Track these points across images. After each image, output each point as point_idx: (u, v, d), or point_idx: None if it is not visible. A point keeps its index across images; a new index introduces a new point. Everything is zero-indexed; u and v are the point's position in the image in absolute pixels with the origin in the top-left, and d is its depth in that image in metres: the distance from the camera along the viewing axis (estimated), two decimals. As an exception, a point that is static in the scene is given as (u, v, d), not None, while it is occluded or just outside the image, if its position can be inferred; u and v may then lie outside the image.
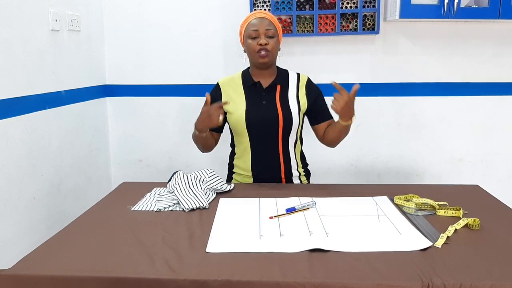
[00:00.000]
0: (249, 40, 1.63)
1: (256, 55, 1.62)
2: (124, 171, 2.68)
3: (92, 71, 2.42)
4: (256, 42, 1.61)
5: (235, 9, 2.45)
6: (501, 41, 2.44)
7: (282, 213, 1.34)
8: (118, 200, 1.50)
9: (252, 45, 1.62)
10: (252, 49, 1.62)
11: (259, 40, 1.60)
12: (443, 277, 0.95)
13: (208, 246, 1.12)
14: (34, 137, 1.87)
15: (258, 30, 1.61)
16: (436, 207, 1.36)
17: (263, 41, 1.60)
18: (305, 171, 1.80)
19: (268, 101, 1.67)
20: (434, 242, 1.12)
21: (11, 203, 1.73)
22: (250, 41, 1.62)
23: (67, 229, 1.27)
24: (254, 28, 1.61)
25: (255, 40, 1.61)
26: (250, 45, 1.62)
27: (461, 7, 2.18)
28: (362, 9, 2.32)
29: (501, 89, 2.50)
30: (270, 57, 1.62)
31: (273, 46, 1.62)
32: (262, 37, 1.60)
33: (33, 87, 1.87)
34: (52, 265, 1.05)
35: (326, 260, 1.04)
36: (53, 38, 2.00)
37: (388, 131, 2.58)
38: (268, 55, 1.61)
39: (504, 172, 2.59)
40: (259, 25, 1.61)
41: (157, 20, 2.51)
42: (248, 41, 1.63)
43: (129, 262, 1.05)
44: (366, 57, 2.49)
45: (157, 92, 2.59)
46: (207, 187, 1.52)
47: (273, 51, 1.63)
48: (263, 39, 1.60)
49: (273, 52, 1.63)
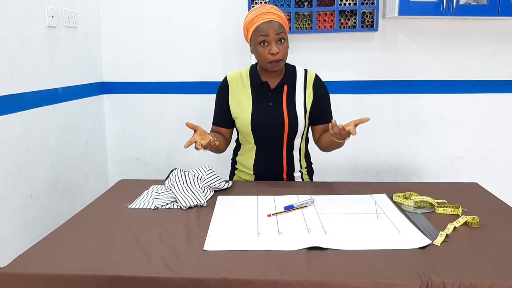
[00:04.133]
0: (259, 47, 1.53)
1: (268, 65, 1.54)
2: (121, 168, 2.68)
3: (89, 68, 2.41)
4: (268, 51, 1.51)
5: (234, 6, 2.44)
6: (500, 39, 2.43)
7: (280, 211, 1.33)
8: (115, 198, 1.49)
9: (262, 53, 1.53)
10: (263, 58, 1.53)
11: (271, 49, 1.51)
12: (442, 275, 0.95)
13: (205, 244, 1.11)
14: (31, 134, 1.86)
15: (269, 35, 1.50)
16: (435, 205, 1.35)
17: (274, 49, 1.50)
18: (308, 170, 1.79)
19: (274, 102, 1.63)
20: (433, 240, 1.12)
21: (7, 200, 1.72)
22: (260, 48, 1.53)
23: (64, 227, 1.26)
24: (263, 33, 1.51)
25: (266, 48, 1.52)
26: (261, 53, 1.53)
27: (460, 4, 2.18)
28: (361, 6, 2.31)
29: (500, 86, 2.50)
30: (282, 64, 1.56)
31: (284, 53, 1.54)
32: (273, 45, 1.51)
33: (30, 84, 1.86)
34: (48, 263, 1.04)
35: (324, 258, 1.04)
36: (49, 34, 1.98)
37: (386, 129, 2.57)
38: (279, 63, 1.54)
39: (503, 170, 2.59)
40: (270, 31, 1.50)
41: (154, 17, 2.50)
42: (258, 48, 1.53)
43: (126, 260, 1.04)
44: (365, 54, 2.48)
45: (155, 89, 2.58)
46: (204, 185, 1.51)
47: (284, 57, 1.56)
48: (274, 47, 1.51)
49: (284, 58, 1.56)
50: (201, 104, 2.58)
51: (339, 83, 2.50)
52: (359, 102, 2.54)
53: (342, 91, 2.52)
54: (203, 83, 2.52)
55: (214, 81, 1.80)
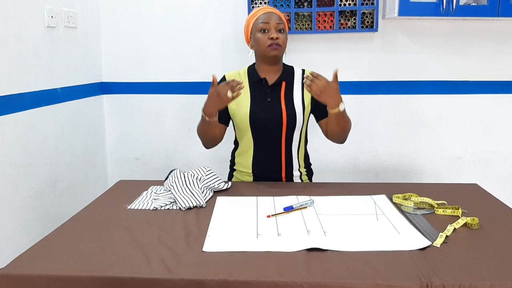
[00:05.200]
0: (259, 34, 1.60)
1: (267, 49, 1.59)
2: (121, 169, 2.67)
3: (89, 68, 2.41)
4: (268, 36, 1.58)
5: (233, 6, 2.44)
6: (500, 39, 2.43)
7: (279, 211, 1.33)
8: (115, 198, 1.49)
9: (262, 39, 1.59)
10: (262, 43, 1.59)
11: (270, 34, 1.58)
12: (442, 277, 0.94)
13: (205, 245, 1.11)
14: (30, 134, 1.86)
15: (269, 23, 1.58)
16: (435, 206, 1.35)
17: (274, 35, 1.58)
18: (307, 170, 1.79)
19: (272, 98, 1.66)
20: (433, 241, 1.11)
21: (6, 201, 1.72)
22: (260, 35, 1.60)
23: (63, 227, 1.26)
24: (264, 21, 1.59)
25: (266, 34, 1.59)
26: (260, 38, 1.60)
27: (460, 4, 2.17)
28: (360, 6, 2.31)
29: (500, 87, 2.49)
30: (281, 51, 1.61)
31: (283, 41, 1.61)
32: (273, 31, 1.58)
33: (29, 84, 1.85)
34: (47, 264, 1.03)
35: (324, 259, 1.03)
36: (49, 35, 1.98)
37: (386, 129, 2.57)
38: (278, 48, 1.59)
39: (503, 171, 2.59)
40: (269, 19, 1.59)
41: (154, 17, 2.49)
42: (258, 34, 1.60)
43: (125, 261, 1.04)
44: (365, 55, 2.48)
45: (154, 89, 2.58)
46: (204, 186, 1.51)
47: (283, 46, 1.62)
48: (274, 33, 1.58)
49: (283, 47, 1.62)
50: (201, 104, 2.57)
51: (338, 83, 2.49)
52: (359, 102, 2.53)
53: (342, 92, 2.46)
54: (203, 83, 2.51)
55: (213, 82, 1.80)
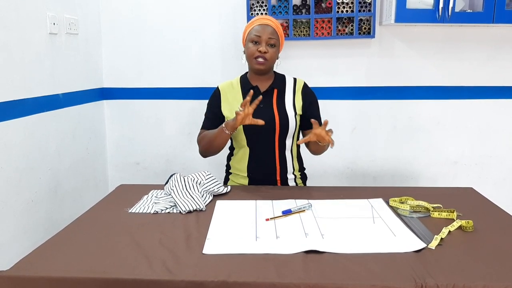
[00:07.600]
0: (250, 44, 1.65)
1: (253, 61, 1.65)
2: (121, 173, 2.69)
3: (90, 74, 2.43)
4: (256, 48, 1.63)
5: (233, 13, 2.47)
6: (495, 45, 2.46)
7: (278, 215, 1.35)
8: (115, 202, 1.51)
9: (251, 49, 1.64)
10: (250, 53, 1.65)
11: (259, 47, 1.63)
12: (437, 278, 0.96)
13: (204, 247, 1.13)
14: (32, 140, 1.88)
15: (261, 36, 1.62)
16: (430, 209, 1.37)
17: (263, 48, 1.62)
18: (301, 174, 1.82)
19: (265, 104, 1.69)
20: (428, 243, 1.13)
21: (8, 205, 1.73)
22: (251, 45, 1.65)
23: (65, 231, 1.27)
24: (257, 33, 1.63)
25: (255, 46, 1.64)
26: (250, 49, 1.65)
27: (455, 11, 2.20)
28: (358, 13, 2.34)
29: (495, 92, 2.52)
30: (267, 65, 1.65)
31: (272, 56, 1.65)
32: (263, 45, 1.63)
33: (31, 90, 1.88)
34: (49, 266, 1.05)
35: (321, 261, 1.06)
36: (51, 41, 2.01)
37: (384, 134, 2.59)
38: (265, 63, 1.64)
39: (499, 175, 2.61)
40: (263, 32, 1.63)
41: (154, 23, 2.52)
42: (249, 44, 1.65)
43: (126, 264, 1.05)
44: (362, 60, 2.51)
45: (155, 95, 2.60)
46: (204, 190, 1.53)
47: (271, 60, 1.66)
48: (264, 46, 1.62)
49: (270, 61, 1.66)
50: (201, 109, 2.56)
51: (336, 89, 2.53)
52: (357, 108, 2.56)
53: (339, 97, 2.54)
54: (203, 89, 2.54)
55: (213, 87, 1.82)
